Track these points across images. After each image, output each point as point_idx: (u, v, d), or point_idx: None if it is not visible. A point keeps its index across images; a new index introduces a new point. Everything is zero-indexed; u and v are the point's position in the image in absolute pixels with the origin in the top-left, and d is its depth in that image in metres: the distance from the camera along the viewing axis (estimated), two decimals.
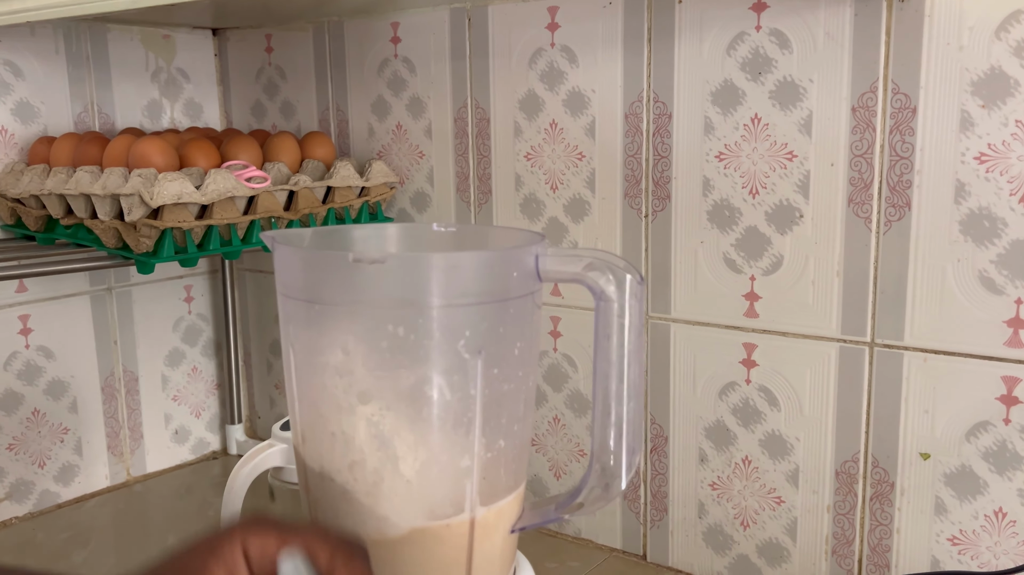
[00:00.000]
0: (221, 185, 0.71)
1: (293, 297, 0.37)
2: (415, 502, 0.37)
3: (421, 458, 0.36)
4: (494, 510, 0.39)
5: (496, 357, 0.37)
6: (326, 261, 0.35)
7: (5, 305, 0.87)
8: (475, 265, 0.36)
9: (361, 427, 0.36)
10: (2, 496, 0.88)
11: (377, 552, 0.38)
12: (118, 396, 0.97)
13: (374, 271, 0.34)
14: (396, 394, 0.36)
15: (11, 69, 0.86)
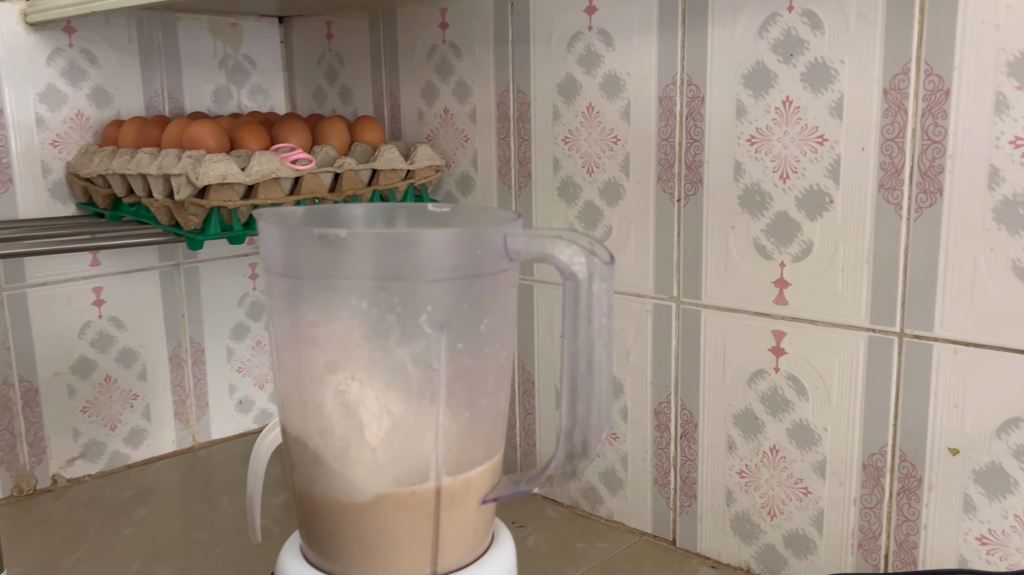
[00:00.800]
0: (265, 166, 0.74)
1: (274, 272, 0.39)
2: (380, 469, 0.38)
3: (385, 427, 0.38)
4: (461, 480, 0.40)
5: (461, 333, 0.38)
6: (297, 236, 0.37)
7: (80, 277, 0.93)
8: (437, 242, 0.37)
9: (329, 396, 0.38)
10: (76, 455, 0.95)
11: (346, 515, 0.40)
12: (185, 366, 1.02)
13: (338, 246, 0.36)
14: (360, 365, 0.37)
15: (87, 57, 0.91)
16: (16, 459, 0.91)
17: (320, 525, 0.41)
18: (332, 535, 0.40)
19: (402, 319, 0.37)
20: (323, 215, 0.45)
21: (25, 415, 0.91)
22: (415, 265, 0.36)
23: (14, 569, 0.76)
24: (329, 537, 0.40)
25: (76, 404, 0.94)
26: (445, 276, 0.37)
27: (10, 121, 0.87)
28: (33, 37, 0.87)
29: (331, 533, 0.40)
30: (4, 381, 0.89)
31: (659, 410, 0.78)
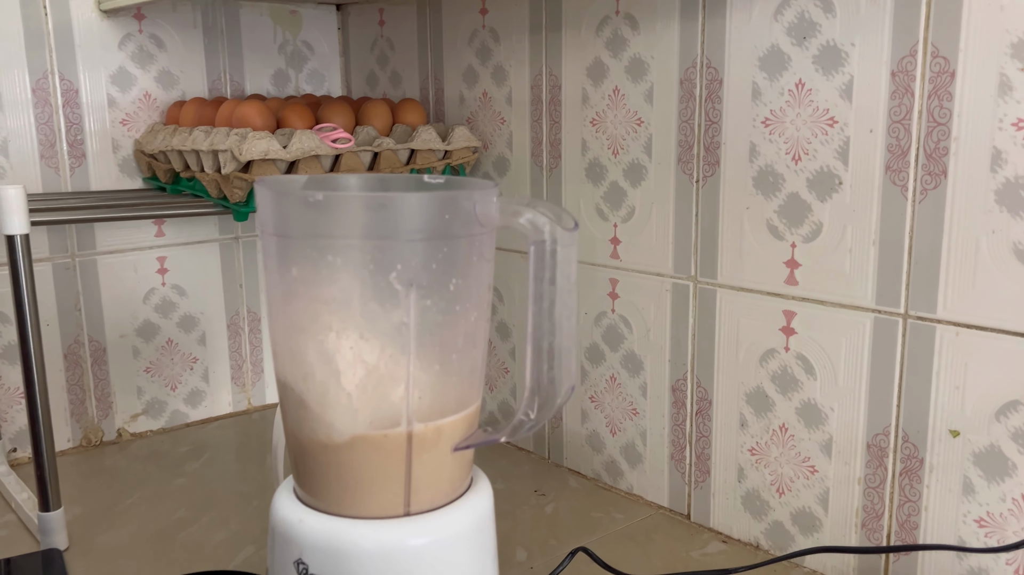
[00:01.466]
0: (306, 144, 0.79)
1: (267, 232, 0.43)
2: (356, 412, 0.42)
3: (359, 374, 0.42)
4: (432, 427, 0.43)
5: (429, 291, 0.41)
6: (284, 198, 0.41)
7: (146, 247, 1.00)
8: (407, 205, 0.40)
9: (310, 344, 0.42)
10: (140, 411, 1.02)
11: (327, 455, 0.44)
12: (242, 333, 1.09)
13: (317, 208, 0.40)
14: (337, 316, 0.41)
15: (155, 41, 0.98)
16: (85, 412, 0.98)
17: (305, 464, 0.45)
18: (315, 473, 0.44)
19: (374, 275, 0.40)
20: (323, 183, 0.49)
21: (94, 372, 0.98)
22: (386, 226, 0.40)
23: (75, 508, 0.83)
24: (313, 475, 0.44)
25: (140, 364, 1.01)
26: (414, 237, 0.40)
27: (84, 102, 0.94)
28: (106, 23, 0.94)
29: (314, 471, 0.44)
30: (75, 340, 0.97)
31: (676, 387, 0.80)
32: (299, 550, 0.43)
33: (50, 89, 0.92)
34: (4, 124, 0.89)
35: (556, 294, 0.41)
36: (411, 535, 0.43)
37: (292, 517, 0.44)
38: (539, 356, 0.42)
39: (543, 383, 0.42)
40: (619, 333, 0.84)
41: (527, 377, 0.43)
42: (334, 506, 0.44)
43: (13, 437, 0.94)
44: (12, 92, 0.90)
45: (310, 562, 0.43)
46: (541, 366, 0.42)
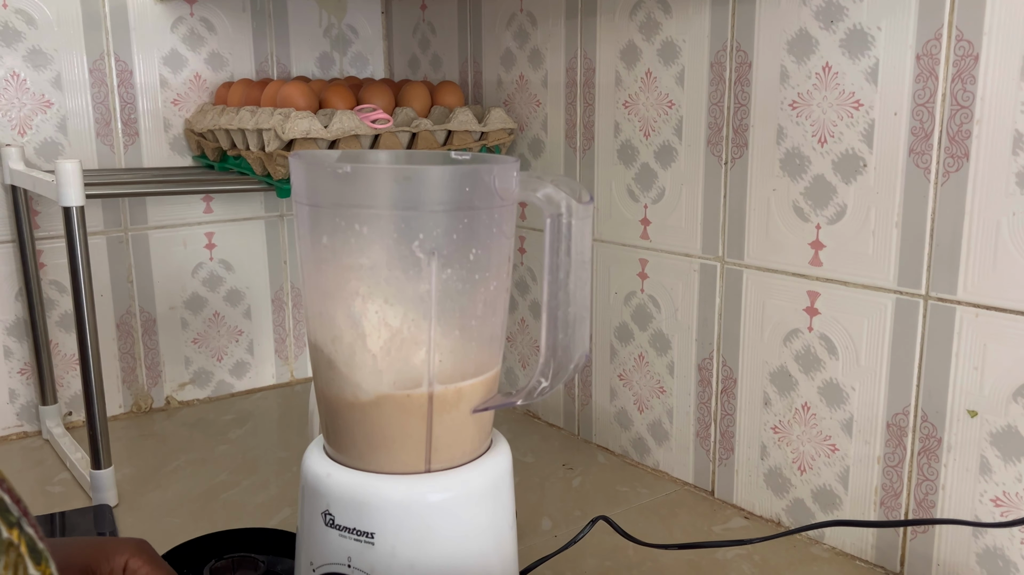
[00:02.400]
0: (346, 124, 0.82)
1: (300, 201, 0.46)
2: (380, 373, 0.45)
3: (384, 337, 0.44)
4: (452, 389, 0.46)
5: (450, 259, 0.44)
6: (316, 171, 0.44)
7: (195, 223, 1.04)
8: (429, 177, 0.43)
9: (339, 308, 0.45)
10: (187, 380, 1.07)
11: (353, 413, 0.47)
12: (285, 308, 1.13)
13: (345, 180, 0.42)
14: (363, 283, 0.44)
15: (205, 25, 1.02)
16: (136, 380, 1.03)
17: (334, 422, 0.48)
18: (342, 431, 0.47)
19: (398, 244, 0.43)
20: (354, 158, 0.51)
21: (144, 342, 1.03)
22: (409, 197, 0.42)
23: (125, 469, 0.88)
24: (340, 432, 0.47)
25: (188, 335, 1.06)
26: (436, 208, 0.43)
27: (138, 82, 0.98)
28: (159, 7, 0.98)
29: (342, 429, 0.47)
30: (127, 311, 1.01)
31: (703, 366, 0.81)
32: (326, 502, 0.46)
33: (106, 70, 0.96)
34: (63, 103, 0.94)
35: (571, 265, 0.44)
36: (431, 490, 0.46)
37: (321, 471, 0.47)
38: (554, 324, 0.44)
39: (558, 350, 0.45)
40: (648, 312, 0.85)
41: (542, 344, 0.45)
42: (359, 462, 0.47)
43: (68, 401, 0.99)
44: (71, 73, 0.94)
45: (336, 513, 0.46)
46: (556, 334, 0.45)
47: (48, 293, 0.96)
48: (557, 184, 0.44)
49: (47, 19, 0.92)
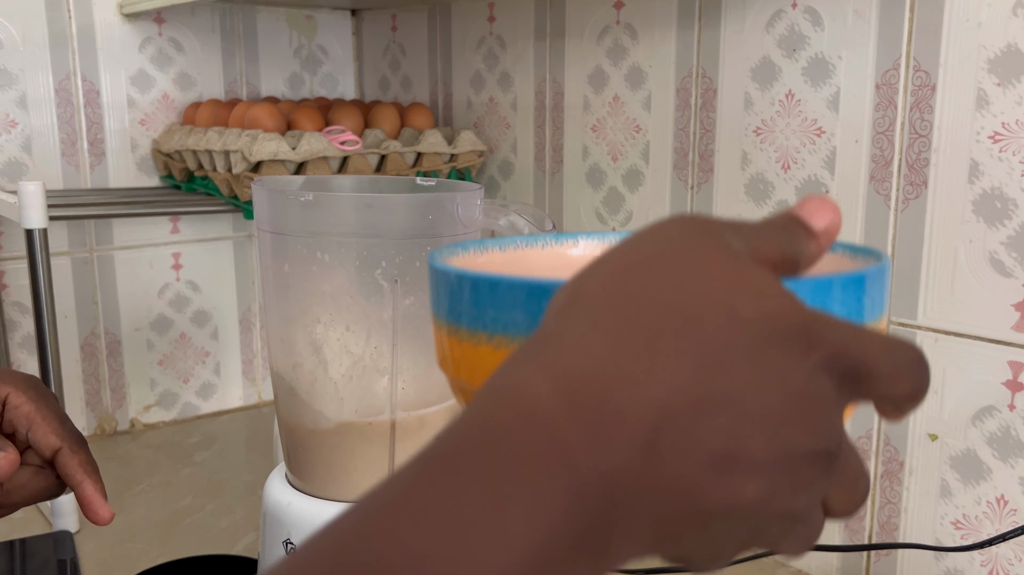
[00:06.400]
0: (314, 145, 0.82)
1: (263, 229, 0.46)
2: (342, 401, 0.45)
3: (346, 364, 0.44)
4: (415, 416, 0.46)
5: (413, 287, 0.44)
6: (277, 197, 0.44)
7: (161, 243, 1.03)
8: (391, 205, 0.43)
9: (299, 335, 0.44)
10: (153, 402, 1.06)
11: (314, 441, 0.46)
12: (253, 329, 1.12)
13: (308, 207, 0.42)
14: (325, 309, 0.44)
15: (174, 45, 1.01)
16: (100, 402, 1.02)
17: (295, 450, 0.47)
18: (304, 458, 0.47)
19: (360, 271, 0.43)
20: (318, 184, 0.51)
21: (109, 364, 1.02)
22: (371, 225, 0.42)
23: None
24: (302, 461, 0.47)
25: (154, 357, 1.05)
26: (399, 236, 0.43)
27: (105, 102, 0.97)
28: (127, 27, 0.98)
29: (303, 457, 0.47)
30: (92, 332, 1.00)
31: None
32: (287, 531, 0.46)
33: (72, 90, 0.95)
34: (28, 123, 0.93)
35: None
36: None
37: (282, 500, 0.47)
38: None
39: None
40: None
41: None
42: (321, 490, 0.47)
43: None
44: (36, 92, 0.93)
45: (298, 542, 0.46)
46: None
47: (10, 314, 0.95)
48: (520, 212, 0.44)
49: (12, 38, 0.91)
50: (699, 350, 0.22)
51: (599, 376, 0.21)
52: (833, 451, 0.23)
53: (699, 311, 0.22)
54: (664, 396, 0.21)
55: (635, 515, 0.21)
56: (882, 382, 0.24)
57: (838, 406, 0.24)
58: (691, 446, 0.21)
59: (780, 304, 0.23)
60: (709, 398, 0.21)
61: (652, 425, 0.21)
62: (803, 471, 0.23)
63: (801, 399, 0.22)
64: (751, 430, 0.22)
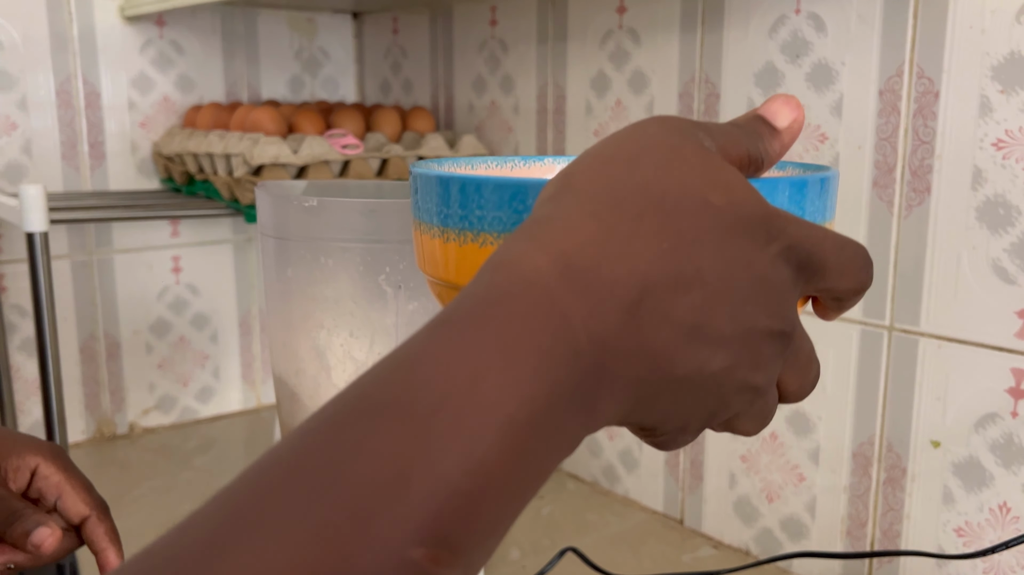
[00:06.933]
0: (315, 149, 0.82)
1: (266, 234, 0.45)
2: None
3: (349, 370, 0.44)
4: None
5: (416, 293, 0.44)
6: (281, 203, 0.44)
7: (161, 246, 1.03)
8: (392, 211, 0.43)
9: (303, 341, 0.44)
10: (152, 406, 1.05)
11: None
12: (252, 333, 1.12)
13: (311, 212, 0.42)
14: (328, 315, 0.43)
15: (175, 47, 1.01)
16: (99, 406, 1.02)
17: None
18: None
19: (364, 277, 0.43)
20: (321, 189, 0.51)
21: (108, 367, 1.01)
22: (375, 230, 0.42)
23: None
24: None
25: (153, 360, 1.04)
26: (401, 241, 0.43)
27: (105, 104, 0.97)
28: (128, 29, 0.98)
29: None
30: (91, 335, 1.00)
31: None
32: None
33: (73, 92, 0.95)
34: (28, 125, 0.93)
35: None
36: None
37: None
38: None
39: None
40: None
41: None
42: None
43: (29, 427, 0.97)
44: (37, 94, 0.93)
45: None
46: None
47: (9, 317, 0.94)
48: None
49: (13, 40, 0.91)
50: (675, 233, 0.24)
51: (589, 251, 0.24)
52: (788, 332, 0.26)
53: (676, 199, 0.25)
54: (645, 270, 0.24)
55: (618, 375, 0.24)
56: (832, 274, 0.27)
57: (793, 293, 0.26)
58: (667, 316, 0.24)
59: (745, 197, 0.26)
60: (683, 275, 0.24)
61: (635, 295, 0.24)
62: (762, 348, 0.26)
63: (762, 282, 0.25)
64: (718, 306, 0.25)
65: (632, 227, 0.24)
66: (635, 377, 0.24)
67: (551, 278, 0.23)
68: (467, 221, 0.29)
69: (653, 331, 0.24)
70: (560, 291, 0.23)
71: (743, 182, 0.26)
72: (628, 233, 0.24)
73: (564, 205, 0.25)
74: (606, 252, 0.24)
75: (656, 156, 0.26)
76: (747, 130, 0.29)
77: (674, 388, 0.25)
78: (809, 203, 0.29)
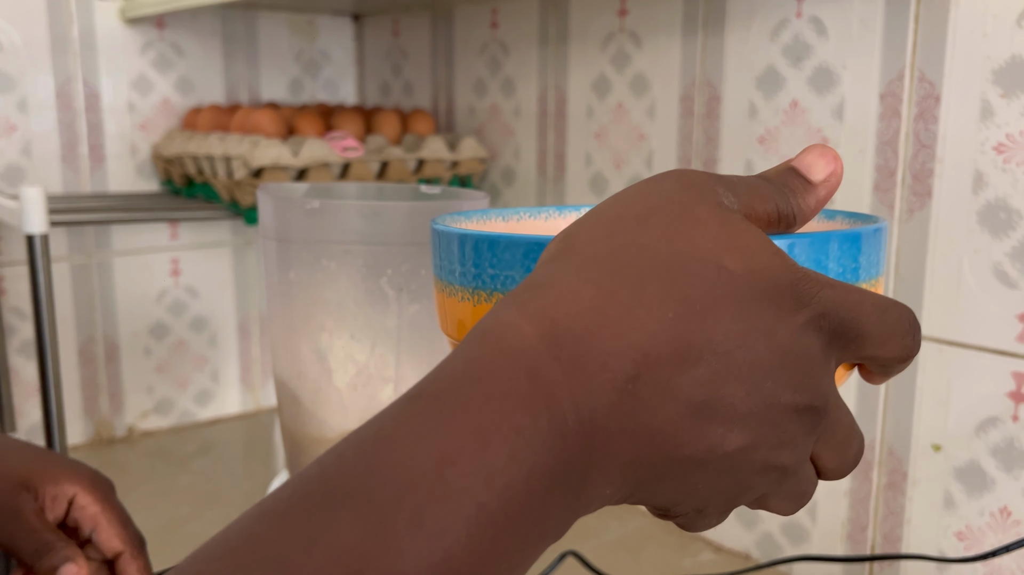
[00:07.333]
0: (316, 152, 0.82)
1: (267, 236, 0.45)
2: (346, 409, 0.44)
3: (350, 372, 0.44)
4: None
5: (418, 295, 0.43)
6: (283, 205, 0.44)
7: (160, 249, 1.03)
8: (395, 213, 0.42)
9: (304, 343, 0.44)
10: (150, 409, 1.05)
11: (317, 449, 0.46)
12: (251, 336, 1.12)
13: (313, 215, 0.42)
14: (330, 317, 0.43)
15: (175, 49, 1.01)
16: (97, 408, 1.01)
17: (298, 458, 0.47)
18: None
19: (366, 279, 0.43)
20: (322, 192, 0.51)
21: (107, 370, 1.01)
22: (377, 233, 0.42)
23: None
24: None
25: (152, 363, 1.04)
26: (403, 243, 0.42)
27: (105, 106, 0.97)
28: (128, 31, 0.98)
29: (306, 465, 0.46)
30: (90, 338, 0.99)
31: None
32: None
33: (73, 94, 0.95)
34: (28, 127, 0.93)
35: None
36: None
37: None
38: None
39: None
40: None
41: None
42: None
43: (28, 430, 0.97)
44: (37, 96, 0.93)
45: None
46: None
47: (8, 319, 0.94)
48: None
49: (13, 42, 0.91)
50: (683, 301, 0.22)
51: (582, 321, 0.22)
52: (819, 407, 0.24)
53: (685, 264, 0.23)
54: (645, 343, 0.22)
55: (613, 456, 0.22)
56: (871, 342, 0.24)
57: (825, 364, 0.24)
58: (670, 393, 0.22)
59: (768, 260, 0.23)
60: (690, 347, 0.22)
61: (632, 370, 0.21)
62: (787, 425, 0.23)
63: (785, 354, 0.23)
64: (732, 381, 0.22)
65: (634, 294, 0.22)
66: (633, 458, 0.22)
67: (537, 349, 0.21)
68: (480, 280, 0.27)
69: (653, 409, 0.22)
70: (547, 366, 0.21)
71: (766, 244, 0.24)
72: (629, 301, 0.22)
73: (561, 268, 0.23)
74: (601, 322, 0.22)
75: (667, 216, 0.23)
76: (777, 184, 0.26)
77: (681, 469, 0.23)
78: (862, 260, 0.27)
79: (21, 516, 0.41)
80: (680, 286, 0.22)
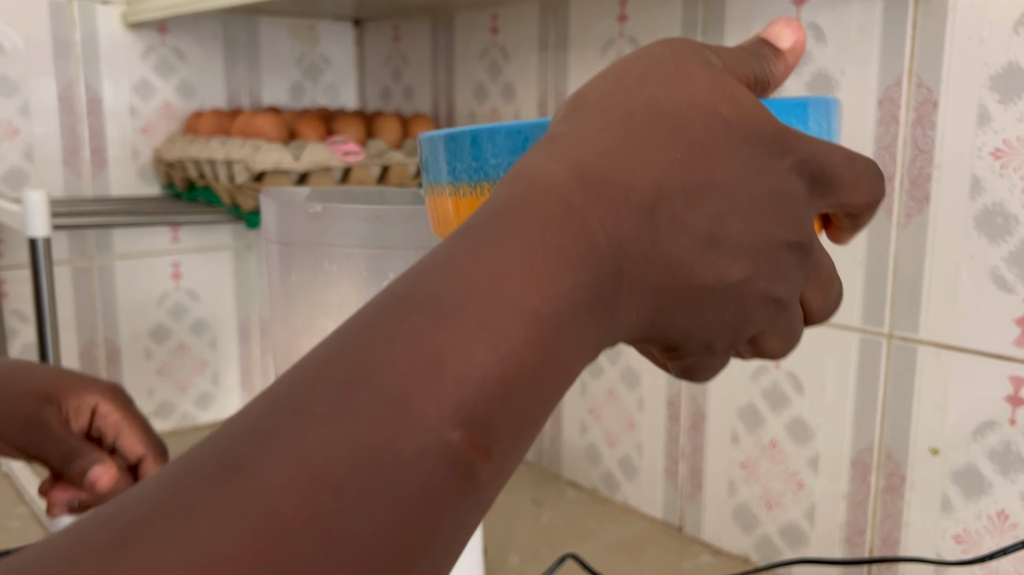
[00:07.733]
0: (316, 156, 0.82)
1: (270, 239, 0.46)
2: None
3: None
4: None
5: None
6: (286, 209, 0.44)
7: (162, 252, 1.03)
8: (396, 217, 0.43)
9: (305, 346, 0.44)
10: (151, 412, 1.05)
11: None
12: (252, 339, 1.12)
13: (315, 219, 0.42)
14: (332, 321, 0.44)
15: (177, 54, 1.02)
16: None
17: None
18: None
19: (367, 283, 0.43)
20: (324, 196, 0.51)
21: (108, 373, 1.01)
22: (379, 236, 0.42)
23: None
24: None
25: (152, 366, 1.05)
26: (404, 247, 0.43)
27: (107, 110, 0.98)
28: (130, 36, 0.98)
29: None
30: (91, 341, 1.00)
31: (672, 401, 0.82)
32: None
33: (75, 97, 0.95)
34: (30, 130, 0.93)
35: None
36: None
37: None
38: None
39: None
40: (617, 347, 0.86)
41: None
42: None
43: None
44: (39, 100, 0.93)
45: None
46: None
47: (10, 322, 0.95)
48: None
49: (16, 46, 0.92)
50: (687, 144, 0.25)
51: (604, 160, 0.24)
52: (806, 244, 0.27)
53: (686, 112, 0.25)
54: (660, 178, 0.24)
55: (637, 280, 0.24)
56: (845, 188, 0.28)
57: (808, 207, 0.27)
58: (683, 224, 0.24)
59: (756, 110, 0.26)
60: (697, 185, 0.25)
61: (651, 201, 0.24)
62: (781, 258, 0.26)
63: (777, 194, 0.26)
64: (734, 216, 0.25)
65: (645, 138, 0.25)
66: (654, 284, 0.24)
67: (569, 185, 0.24)
68: (482, 172, 0.29)
69: (670, 238, 0.24)
70: (578, 197, 0.23)
71: (752, 97, 0.26)
72: (642, 144, 0.25)
73: (577, 121, 0.26)
74: (620, 160, 0.24)
75: (665, 73, 0.26)
76: (752, 52, 0.29)
77: (694, 298, 0.25)
78: (814, 123, 0.29)
79: (47, 427, 0.43)
80: (684, 131, 0.25)
